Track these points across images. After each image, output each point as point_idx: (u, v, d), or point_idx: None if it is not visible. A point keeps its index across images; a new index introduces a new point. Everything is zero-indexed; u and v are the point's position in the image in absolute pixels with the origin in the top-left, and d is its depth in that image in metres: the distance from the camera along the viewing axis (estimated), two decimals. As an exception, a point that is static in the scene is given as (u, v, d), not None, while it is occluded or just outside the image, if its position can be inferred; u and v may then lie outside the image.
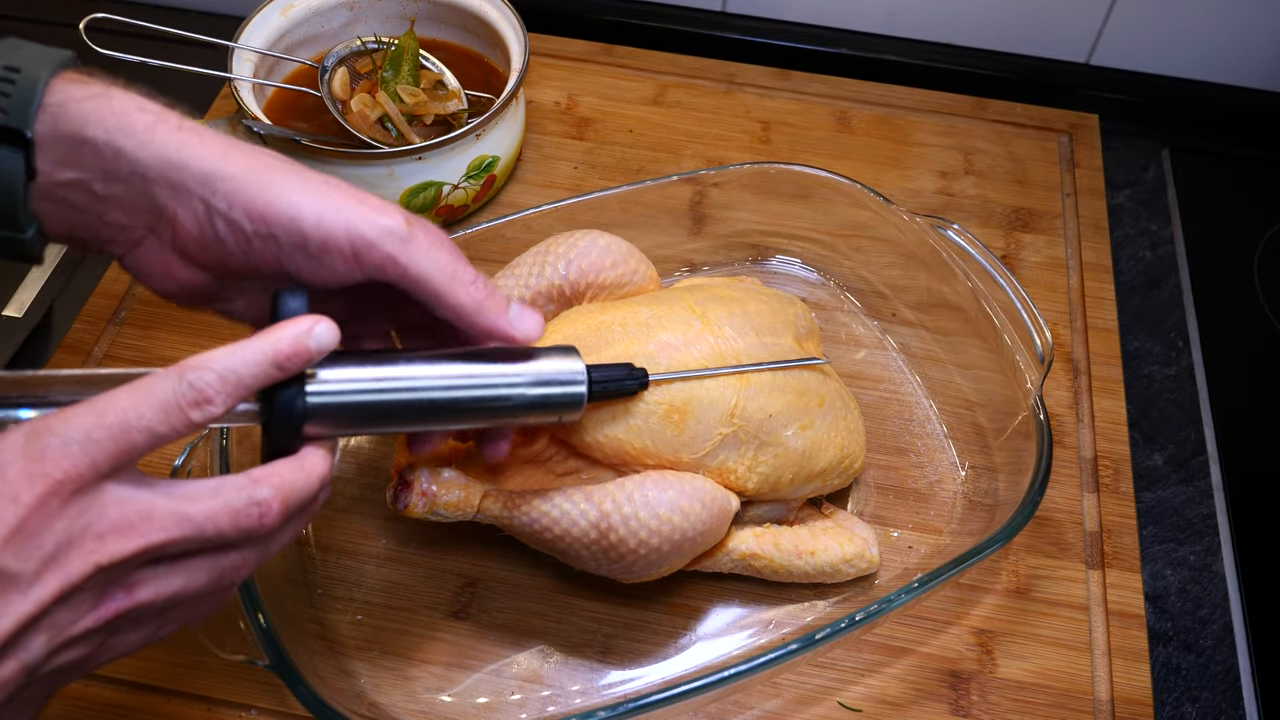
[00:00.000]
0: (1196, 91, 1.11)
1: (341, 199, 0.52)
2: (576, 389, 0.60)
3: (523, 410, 0.58)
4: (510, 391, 0.57)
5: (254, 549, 0.49)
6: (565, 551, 0.65)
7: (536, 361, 0.59)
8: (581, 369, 0.60)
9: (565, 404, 0.60)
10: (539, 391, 0.58)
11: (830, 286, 0.91)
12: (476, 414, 0.57)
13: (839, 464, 0.71)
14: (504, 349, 0.58)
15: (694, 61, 1.10)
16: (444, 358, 0.56)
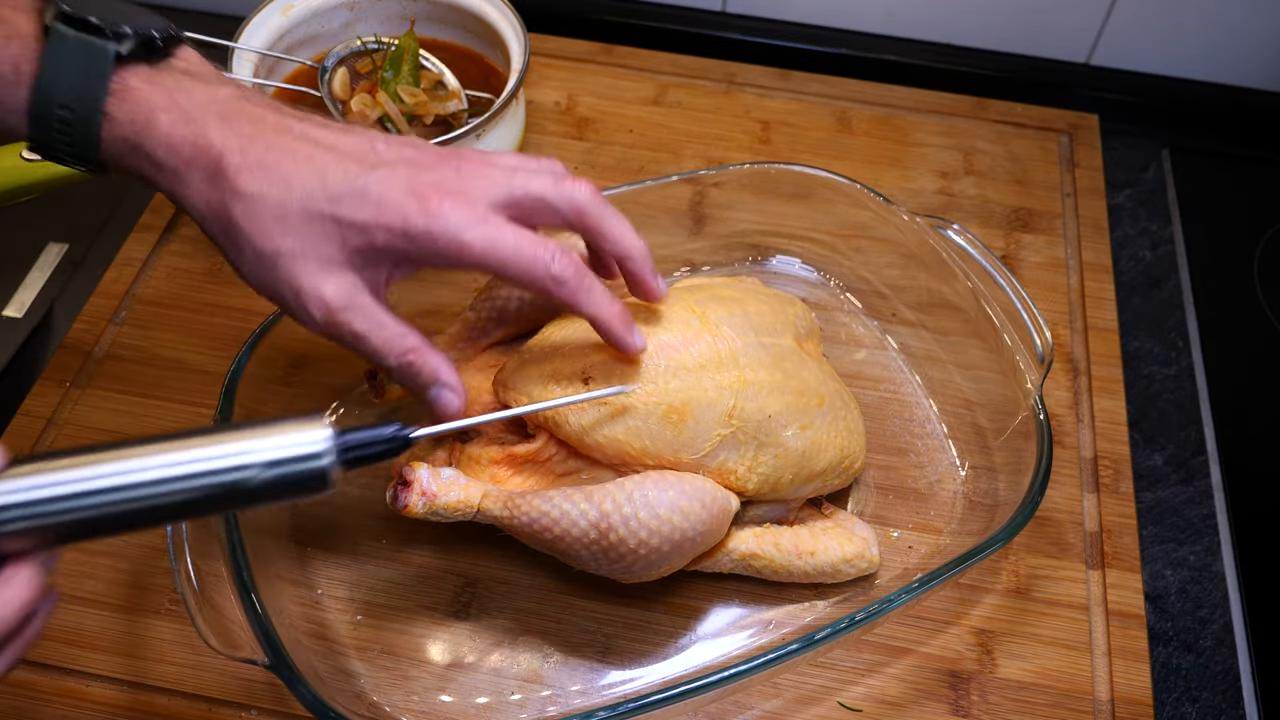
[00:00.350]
0: (1196, 91, 1.11)
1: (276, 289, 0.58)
2: (319, 463, 0.52)
3: (260, 496, 0.52)
4: (239, 477, 0.51)
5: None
6: (565, 552, 0.65)
7: (273, 437, 0.52)
8: (325, 440, 0.52)
9: (308, 482, 0.52)
10: (275, 473, 0.51)
11: (830, 286, 0.91)
12: (203, 507, 0.51)
13: (839, 464, 0.71)
14: (242, 424, 0.53)
15: (694, 61, 1.10)
16: (165, 444, 0.50)
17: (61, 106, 0.55)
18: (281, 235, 0.56)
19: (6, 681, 0.68)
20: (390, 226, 0.57)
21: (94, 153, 0.57)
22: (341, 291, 0.57)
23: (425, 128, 0.90)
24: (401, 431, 0.56)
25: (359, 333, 0.58)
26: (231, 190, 0.56)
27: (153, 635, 0.71)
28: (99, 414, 0.81)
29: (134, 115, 0.56)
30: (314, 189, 0.57)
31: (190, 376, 0.83)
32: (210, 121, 0.57)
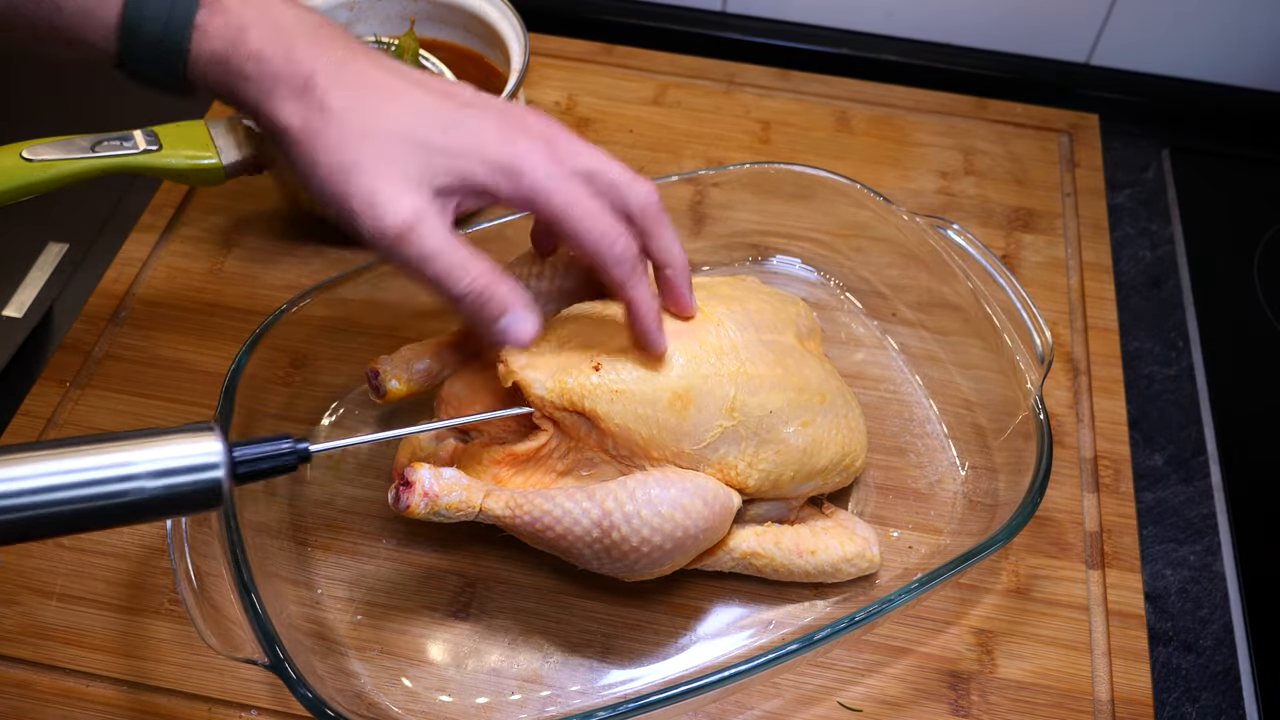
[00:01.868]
0: (1196, 91, 1.11)
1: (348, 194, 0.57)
2: (210, 475, 0.50)
3: (149, 509, 0.50)
4: (125, 487, 0.49)
5: None
6: (567, 550, 0.65)
7: (161, 446, 0.50)
8: (217, 452, 0.50)
9: (199, 495, 0.50)
10: (162, 483, 0.49)
11: (830, 286, 0.91)
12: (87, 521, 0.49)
13: (840, 462, 0.71)
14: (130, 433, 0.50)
15: (694, 61, 1.10)
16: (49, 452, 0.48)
17: (153, 19, 0.56)
18: (365, 148, 0.57)
19: (7, 681, 0.68)
20: (482, 156, 0.58)
21: (182, 67, 0.58)
22: (419, 206, 0.58)
23: (425, 128, 0.90)
24: (298, 446, 0.54)
25: (429, 251, 0.58)
26: (320, 105, 0.57)
27: (153, 635, 0.71)
28: (99, 414, 0.81)
29: (226, 28, 0.57)
30: (403, 115, 0.58)
31: (190, 376, 0.83)
32: (299, 40, 0.58)
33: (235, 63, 0.58)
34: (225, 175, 0.84)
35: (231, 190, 0.95)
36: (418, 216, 0.57)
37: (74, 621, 0.71)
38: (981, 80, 1.11)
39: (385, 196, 0.57)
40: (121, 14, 0.57)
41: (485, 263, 0.60)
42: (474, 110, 0.60)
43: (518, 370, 0.66)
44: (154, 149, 0.80)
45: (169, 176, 0.82)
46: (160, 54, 0.58)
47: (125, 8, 0.57)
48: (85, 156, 0.78)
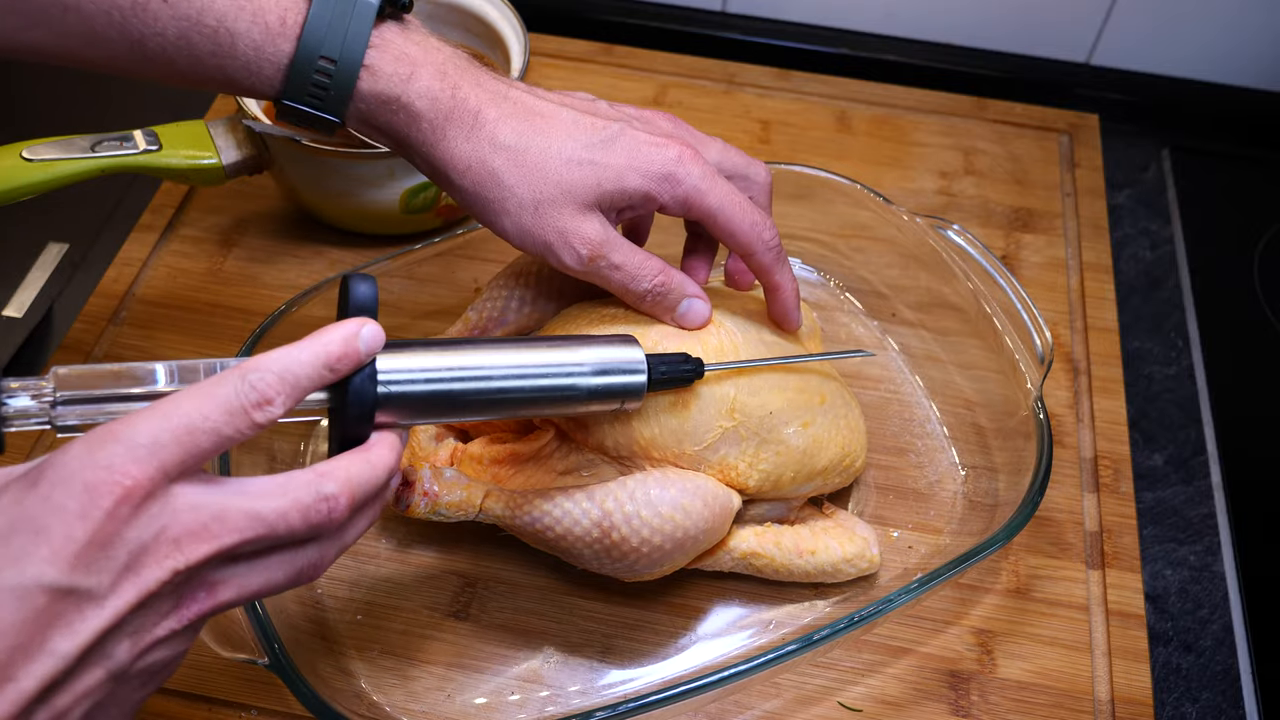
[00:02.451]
0: (1196, 91, 1.11)
1: (541, 234, 0.62)
2: (638, 378, 0.61)
3: (585, 398, 0.60)
4: (574, 381, 0.59)
5: (330, 542, 0.49)
6: (567, 551, 0.65)
7: (598, 350, 0.60)
8: (642, 358, 0.61)
9: (626, 393, 0.61)
10: (601, 381, 0.60)
11: (830, 286, 0.91)
12: (541, 403, 0.59)
13: (840, 462, 0.71)
14: (568, 337, 0.61)
15: (694, 61, 1.10)
16: (508, 346, 0.58)
17: (324, 58, 0.59)
18: (543, 183, 0.61)
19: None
20: (642, 169, 0.63)
21: (344, 106, 0.60)
22: (600, 229, 0.63)
23: (425, 128, 0.90)
24: (694, 361, 0.64)
25: (617, 263, 0.63)
26: (491, 142, 0.61)
27: (153, 635, 0.71)
28: (99, 414, 0.81)
29: (398, 68, 0.60)
30: (564, 139, 0.62)
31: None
32: (461, 77, 0.61)
33: (404, 100, 0.60)
34: (225, 175, 0.84)
35: (231, 190, 0.95)
36: (603, 237, 0.63)
37: (74, 621, 0.71)
38: (981, 80, 1.11)
39: (572, 227, 0.62)
40: (293, 57, 0.59)
41: (657, 260, 0.65)
42: (619, 124, 0.64)
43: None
44: (154, 149, 0.80)
45: (169, 176, 0.82)
46: (325, 93, 0.60)
47: (299, 45, 0.59)
48: (85, 156, 0.78)
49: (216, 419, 0.44)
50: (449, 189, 0.63)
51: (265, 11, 0.58)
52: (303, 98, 0.60)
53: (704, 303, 0.67)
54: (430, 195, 0.89)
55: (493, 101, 0.62)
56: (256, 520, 0.45)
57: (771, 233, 0.66)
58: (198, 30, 0.58)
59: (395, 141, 0.63)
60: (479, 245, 0.82)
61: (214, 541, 0.44)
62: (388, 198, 0.88)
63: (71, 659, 0.41)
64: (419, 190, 0.88)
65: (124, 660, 0.43)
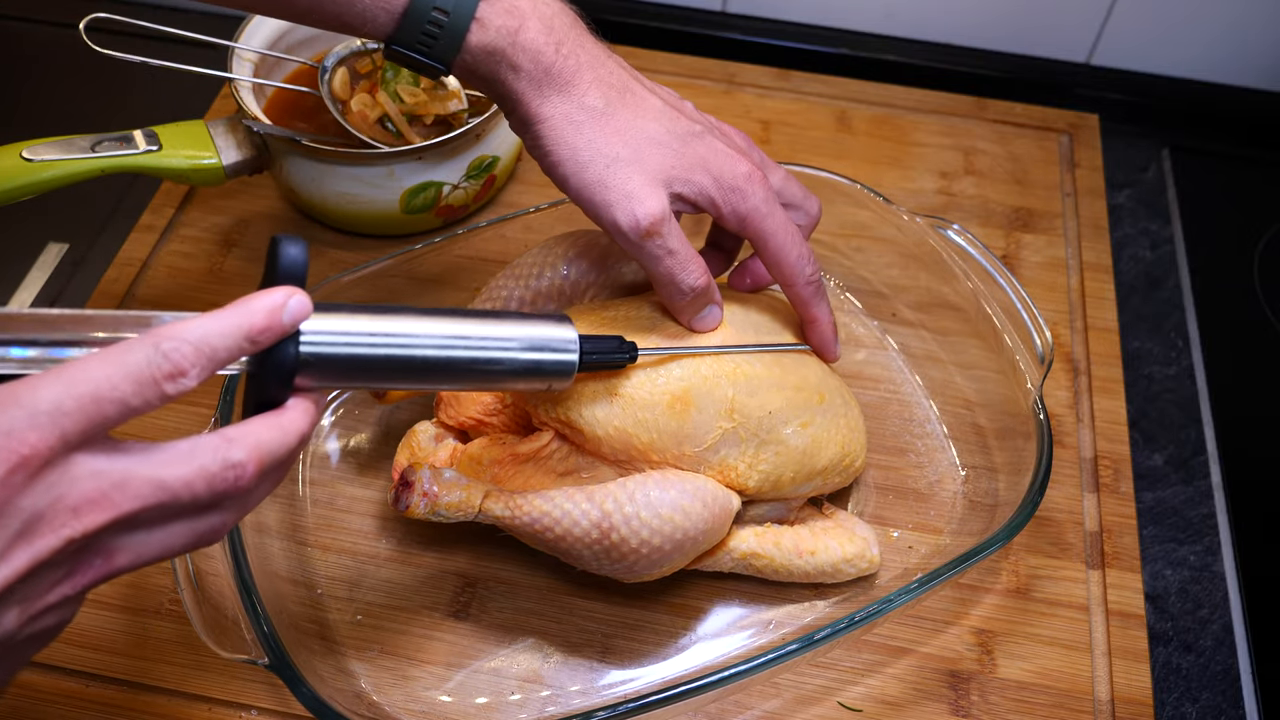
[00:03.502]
0: (1196, 91, 1.11)
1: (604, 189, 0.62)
2: (568, 356, 0.60)
3: (514, 375, 0.59)
4: (503, 355, 0.58)
5: (232, 508, 0.48)
6: (567, 552, 0.65)
7: (530, 326, 0.59)
8: (574, 337, 0.61)
9: (555, 371, 0.60)
10: (531, 356, 0.59)
11: (830, 286, 0.91)
12: (468, 375, 0.58)
13: (840, 462, 0.71)
14: (499, 312, 0.60)
15: (694, 61, 1.10)
16: (439, 315, 0.56)
17: (437, 9, 0.60)
18: (624, 144, 0.62)
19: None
20: (714, 173, 0.64)
21: (453, 55, 0.61)
22: (664, 206, 0.63)
23: (425, 127, 0.90)
24: (628, 344, 0.63)
25: (672, 247, 0.63)
26: (581, 102, 0.62)
27: (153, 635, 0.71)
28: (99, 414, 0.81)
29: (506, 21, 0.61)
30: (650, 120, 0.63)
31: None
32: (566, 34, 0.62)
33: (510, 54, 0.61)
34: (225, 175, 0.84)
35: (231, 190, 0.95)
36: (665, 214, 0.63)
37: (74, 621, 0.71)
38: (981, 80, 1.11)
39: (643, 192, 0.62)
40: (408, 6, 0.60)
41: (702, 261, 0.66)
42: (701, 127, 0.65)
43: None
44: (154, 149, 0.80)
45: (169, 176, 0.82)
46: (435, 43, 0.61)
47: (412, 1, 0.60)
48: (85, 156, 0.78)
49: (124, 389, 0.42)
50: (529, 138, 0.64)
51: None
52: (413, 45, 0.61)
53: (721, 309, 0.68)
54: (430, 195, 0.89)
55: (591, 66, 0.63)
56: (160, 488, 0.44)
57: (814, 267, 0.68)
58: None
59: (495, 91, 0.64)
60: (480, 245, 0.82)
61: (113, 510, 0.43)
62: (388, 198, 0.88)
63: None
64: (419, 190, 0.88)
65: (10, 627, 0.42)
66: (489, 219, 0.82)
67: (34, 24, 1.12)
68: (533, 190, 0.98)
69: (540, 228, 0.81)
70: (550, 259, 0.73)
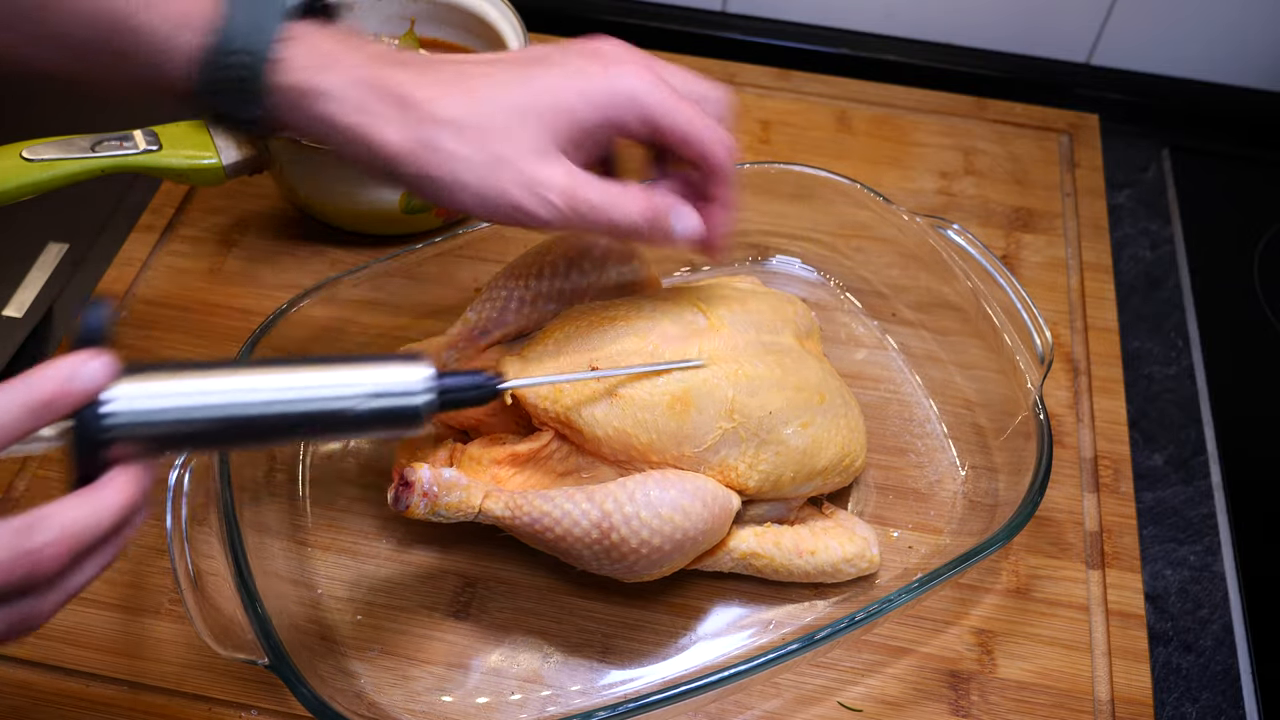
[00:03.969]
0: (1196, 91, 1.11)
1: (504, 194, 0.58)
2: (416, 400, 0.55)
3: (358, 425, 0.55)
4: (342, 405, 0.53)
5: (48, 593, 0.45)
6: (567, 551, 0.65)
7: (375, 370, 0.55)
8: (425, 378, 0.55)
9: (404, 417, 0.55)
10: (376, 405, 0.54)
11: (830, 286, 0.91)
12: (305, 430, 0.54)
13: (840, 462, 0.71)
14: (344, 357, 0.56)
15: (694, 61, 1.10)
16: (272, 367, 0.53)
17: (233, 51, 0.56)
18: (491, 141, 0.57)
19: (7, 681, 0.68)
20: (594, 97, 0.59)
21: (259, 100, 0.57)
22: (565, 171, 0.59)
23: (425, 128, 0.90)
24: (491, 380, 0.59)
25: (595, 202, 0.59)
26: (428, 119, 0.57)
27: (153, 635, 0.71)
28: (99, 414, 0.81)
29: (311, 60, 0.57)
30: (504, 93, 0.58)
31: None
32: (384, 64, 0.58)
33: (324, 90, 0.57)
34: (225, 175, 0.84)
35: (231, 190, 0.95)
36: (570, 177, 0.58)
37: (74, 621, 0.71)
38: (981, 80, 1.11)
39: (537, 174, 0.58)
40: (202, 50, 0.56)
41: (636, 186, 0.62)
42: (559, 61, 0.60)
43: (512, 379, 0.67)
44: (154, 149, 0.80)
45: (169, 176, 0.82)
46: (241, 87, 0.57)
47: (210, 39, 0.56)
48: (85, 156, 0.78)
49: None
50: (397, 178, 0.59)
51: (167, 5, 0.56)
52: (216, 93, 0.57)
53: (691, 209, 0.63)
54: (430, 195, 0.89)
55: (419, 81, 0.58)
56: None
57: (733, 145, 0.62)
58: (96, 28, 0.56)
59: (325, 136, 0.58)
60: (479, 245, 0.82)
61: None
62: (388, 198, 0.87)
63: None
64: (419, 190, 0.88)
65: None
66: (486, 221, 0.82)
67: (34, 24, 1.12)
68: (533, 190, 0.98)
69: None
70: (550, 259, 0.73)
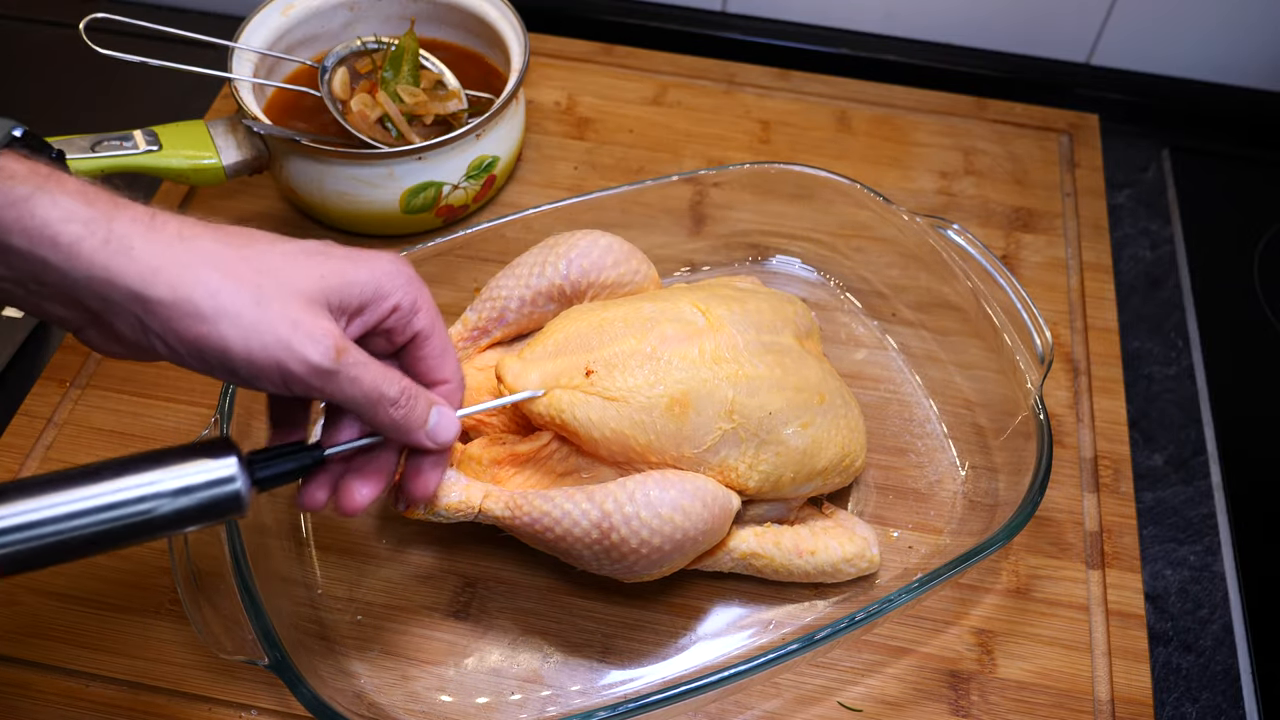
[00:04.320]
0: (1196, 91, 1.11)
1: (271, 329, 0.51)
2: (229, 489, 0.53)
3: (174, 523, 0.52)
4: (148, 507, 0.51)
5: None
6: (567, 552, 0.65)
7: (179, 466, 0.52)
8: (231, 466, 0.53)
9: (221, 507, 0.53)
10: (185, 502, 0.52)
11: (830, 286, 0.91)
12: (115, 540, 0.51)
13: (840, 463, 0.71)
14: (151, 454, 0.52)
15: (694, 61, 1.10)
16: (64, 483, 0.50)
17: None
18: (262, 275, 0.52)
19: (7, 681, 0.68)
20: (373, 267, 0.55)
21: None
22: (335, 327, 0.53)
23: (425, 127, 0.90)
24: (311, 451, 0.57)
25: (364, 362, 0.54)
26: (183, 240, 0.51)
27: (153, 635, 0.71)
28: (99, 414, 0.81)
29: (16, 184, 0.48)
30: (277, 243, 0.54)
31: (190, 377, 0.83)
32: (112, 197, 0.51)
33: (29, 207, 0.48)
34: (225, 175, 0.84)
35: (231, 190, 0.95)
36: (340, 335, 0.53)
37: (74, 621, 0.71)
38: (981, 80, 1.11)
39: (309, 319, 0.52)
40: None
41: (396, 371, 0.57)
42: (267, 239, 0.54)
43: (511, 382, 0.67)
44: (154, 149, 0.80)
45: (169, 176, 0.82)
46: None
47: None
48: (85, 156, 0.78)
49: None
50: (138, 307, 0.49)
51: None
52: None
53: (450, 409, 0.59)
54: (430, 195, 0.89)
55: (167, 215, 0.51)
56: None
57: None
58: None
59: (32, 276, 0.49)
60: (479, 245, 0.82)
61: None
62: (388, 198, 0.88)
63: None
64: (419, 190, 0.88)
65: None
66: (489, 219, 0.82)
67: (34, 24, 1.12)
68: (533, 190, 0.98)
69: (540, 228, 0.81)
70: (550, 259, 0.73)
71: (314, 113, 0.92)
